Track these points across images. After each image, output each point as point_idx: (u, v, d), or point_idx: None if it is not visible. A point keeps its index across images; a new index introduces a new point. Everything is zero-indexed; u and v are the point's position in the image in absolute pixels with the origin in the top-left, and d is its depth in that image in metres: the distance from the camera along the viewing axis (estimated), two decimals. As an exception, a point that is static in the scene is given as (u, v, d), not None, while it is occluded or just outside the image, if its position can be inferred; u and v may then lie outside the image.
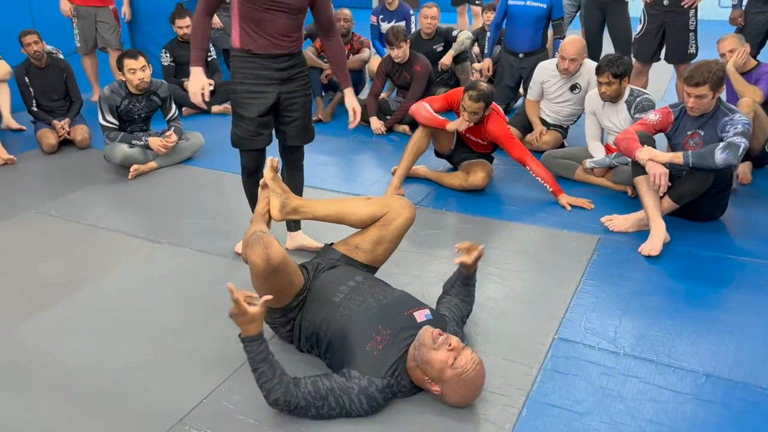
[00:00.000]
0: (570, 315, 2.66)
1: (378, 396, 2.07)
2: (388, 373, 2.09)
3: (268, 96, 2.78)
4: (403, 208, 2.52)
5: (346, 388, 2.05)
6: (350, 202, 2.60)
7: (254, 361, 2.02)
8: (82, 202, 3.85)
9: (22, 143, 4.90)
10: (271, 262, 2.09)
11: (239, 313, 1.99)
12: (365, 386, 2.06)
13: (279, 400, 2.01)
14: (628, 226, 3.33)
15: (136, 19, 6.09)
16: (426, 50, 5.27)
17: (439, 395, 2.09)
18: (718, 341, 2.47)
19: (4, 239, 3.42)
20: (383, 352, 2.11)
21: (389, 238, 2.52)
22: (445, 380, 2.03)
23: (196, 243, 3.30)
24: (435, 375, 2.04)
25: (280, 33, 2.69)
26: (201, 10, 2.73)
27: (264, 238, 2.12)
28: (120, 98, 4.24)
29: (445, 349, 2.02)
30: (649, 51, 4.75)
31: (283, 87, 2.80)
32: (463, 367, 2.02)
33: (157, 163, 4.34)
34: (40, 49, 4.82)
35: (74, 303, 2.81)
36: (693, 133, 3.31)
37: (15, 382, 2.32)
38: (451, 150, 4.01)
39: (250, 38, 2.68)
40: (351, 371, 2.09)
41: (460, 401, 2.09)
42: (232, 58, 2.80)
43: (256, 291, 2.24)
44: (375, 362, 2.10)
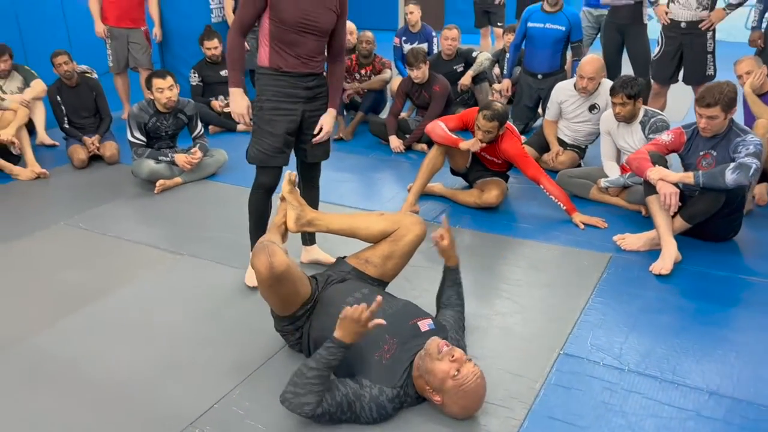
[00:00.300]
0: (577, 331, 2.69)
1: (388, 405, 2.13)
2: (398, 384, 2.15)
3: (296, 113, 2.85)
4: (414, 225, 2.59)
5: (359, 395, 2.11)
6: (363, 217, 2.68)
7: (325, 364, 2.06)
8: (108, 215, 4.00)
9: (55, 158, 5.10)
10: (274, 270, 2.18)
11: (361, 321, 2.02)
12: (376, 395, 2.12)
13: (308, 405, 2.04)
14: (640, 245, 3.36)
15: (166, 40, 6.30)
16: (446, 71, 5.36)
17: (439, 405, 2.14)
18: (723, 360, 2.49)
19: (34, 249, 3.57)
20: (392, 362, 2.18)
21: (399, 254, 2.59)
22: (446, 390, 2.08)
23: (216, 255, 3.41)
24: (437, 385, 2.09)
25: (309, 54, 2.79)
26: (236, 31, 2.80)
27: (269, 247, 2.21)
28: (148, 116, 4.41)
29: (448, 360, 2.08)
30: (667, 73, 4.78)
31: (307, 105, 2.88)
32: (464, 379, 2.07)
33: (183, 179, 4.48)
34: (70, 69, 5.02)
35: (96, 310, 2.93)
36: (706, 153, 3.33)
37: (38, 382, 2.43)
38: (466, 168, 4.08)
39: (280, 57, 2.76)
40: (363, 380, 2.15)
41: (460, 412, 2.14)
42: (260, 76, 2.86)
43: (265, 299, 2.33)
44: (385, 371, 2.16)
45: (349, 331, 2.05)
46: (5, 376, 2.48)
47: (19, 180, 4.61)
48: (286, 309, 2.33)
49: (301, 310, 2.35)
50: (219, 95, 5.82)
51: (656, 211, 3.23)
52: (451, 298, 2.62)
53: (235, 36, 2.81)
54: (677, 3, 4.51)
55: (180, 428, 2.18)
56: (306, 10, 2.69)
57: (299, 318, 2.37)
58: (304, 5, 2.69)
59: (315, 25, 2.74)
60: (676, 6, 4.53)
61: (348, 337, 2.06)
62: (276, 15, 2.69)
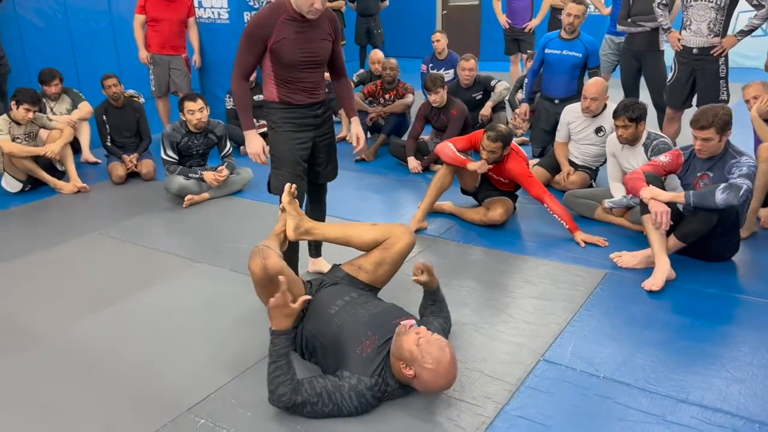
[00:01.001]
0: (559, 341, 2.81)
1: (367, 393, 2.29)
2: (375, 372, 2.31)
3: (308, 140, 3.03)
4: (404, 234, 2.78)
5: (338, 385, 2.28)
6: (357, 226, 2.88)
7: (276, 354, 2.25)
8: (139, 226, 4.31)
9: (97, 175, 5.49)
10: (267, 271, 2.39)
11: (282, 304, 2.23)
12: (355, 384, 2.28)
13: (284, 396, 2.23)
14: (636, 262, 3.45)
15: (205, 67, 6.70)
16: (465, 98, 5.54)
17: (414, 379, 2.26)
18: (699, 372, 2.56)
19: (69, 255, 3.90)
20: (370, 355, 2.34)
21: (390, 261, 2.77)
22: (414, 358, 2.21)
23: (232, 263, 3.66)
24: (407, 357, 2.23)
25: (314, 85, 2.97)
26: (239, 78, 2.91)
27: (263, 251, 2.42)
28: (180, 135, 4.74)
29: (413, 334, 2.25)
30: (680, 98, 4.85)
31: (317, 131, 3.07)
32: (428, 343, 2.22)
33: (210, 194, 4.78)
34: (118, 91, 5.42)
35: (118, 309, 3.21)
36: (703, 174, 3.41)
37: (58, 369, 2.70)
38: (475, 188, 4.24)
39: (287, 93, 2.91)
40: (343, 372, 2.33)
41: (432, 377, 2.22)
42: (271, 109, 2.99)
43: (259, 298, 2.54)
44: (363, 363, 2.33)
45: (277, 317, 2.24)
46: (33, 363, 2.76)
47: (62, 193, 5.00)
48: None
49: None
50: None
51: (651, 229, 3.32)
52: (435, 312, 2.74)
53: (239, 82, 2.92)
54: (689, 30, 4.61)
55: (178, 413, 2.40)
56: (304, 48, 2.84)
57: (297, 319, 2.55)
58: (302, 44, 2.83)
59: (315, 59, 2.90)
60: (687, 33, 4.62)
61: (278, 323, 2.25)
62: (277, 58, 2.83)
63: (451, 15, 12.13)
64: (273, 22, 2.78)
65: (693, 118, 3.31)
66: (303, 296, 2.35)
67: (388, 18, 10.20)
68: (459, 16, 12.01)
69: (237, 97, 2.97)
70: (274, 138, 3.01)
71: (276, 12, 2.80)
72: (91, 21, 8.01)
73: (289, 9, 2.79)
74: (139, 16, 6.06)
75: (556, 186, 4.68)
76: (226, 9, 6.46)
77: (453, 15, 12.11)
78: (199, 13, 6.55)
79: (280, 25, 2.79)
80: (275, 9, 2.81)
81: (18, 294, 3.42)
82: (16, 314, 3.20)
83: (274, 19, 2.78)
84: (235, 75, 2.93)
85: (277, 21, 2.78)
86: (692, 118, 3.33)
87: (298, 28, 2.82)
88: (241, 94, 2.95)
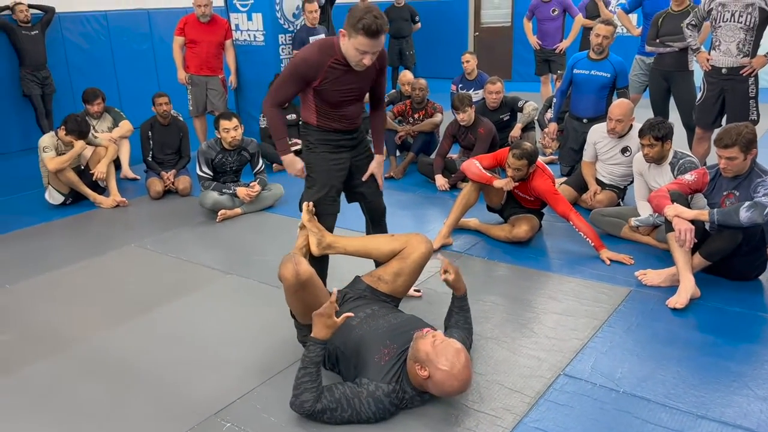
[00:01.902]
0: (580, 356, 2.83)
1: (384, 400, 2.35)
2: (393, 379, 2.38)
3: (345, 161, 3.08)
4: (420, 243, 2.84)
5: (356, 392, 2.36)
6: (375, 239, 2.98)
7: (309, 361, 2.34)
8: (174, 239, 4.47)
9: (135, 190, 5.70)
10: (299, 276, 2.48)
11: (327, 314, 2.32)
12: (373, 390, 2.35)
13: (307, 402, 2.32)
14: (661, 281, 3.45)
15: (241, 87, 6.91)
16: (493, 119, 5.58)
17: (428, 381, 2.31)
18: (721, 389, 2.55)
19: (106, 265, 4.06)
20: (389, 362, 2.41)
21: (408, 271, 2.84)
22: (430, 359, 2.27)
23: (261, 276, 3.76)
24: (422, 357, 2.29)
25: (353, 116, 3.03)
26: (273, 106, 2.92)
27: (295, 257, 2.53)
28: (215, 152, 4.90)
29: (430, 337, 2.33)
30: (710, 118, 4.84)
31: (352, 152, 3.13)
32: (444, 346, 2.29)
33: (242, 210, 4.92)
34: (168, 110, 5.63)
35: (152, 317, 3.34)
36: (729, 193, 3.41)
37: (91, 374, 2.83)
38: (501, 205, 4.29)
39: (327, 120, 2.95)
40: (362, 379, 2.40)
41: (446, 377, 2.27)
42: (309, 131, 3.01)
43: (290, 306, 2.63)
44: (381, 370, 2.39)
45: (318, 326, 2.34)
46: (68, 367, 2.90)
47: (102, 207, 5.20)
48: (308, 317, 2.59)
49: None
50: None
51: (675, 247, 3.33)
52: (459, 322, 2.80)
53: (274, 109, 2.93)
54: (718, 50, 4.61)
55: (205, 416, 2.49)
56: (347, 89, 2.87)
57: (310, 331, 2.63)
58: (346, 86, 2.85)
59: (357, 94, 2.96)
60: (717, 53, 4.63)
61: (318, 331, 2.34)
62: (319, 96, 2.86)
63: (482, 36, 12.24)
64: (321, 66, 2.77)
65: (716, 137, 3.32)
66: (346, 314, 2.42)
67: (420, 39, 10.37)
68: (490, 38, 12.12)
69: (272, 124, 2.98)
70: (310, 158, 3.05)
71: (326, 54, 2.78)
72: (133, 43, 8.38)
73: (337, 52, 2.77)
74: (178, 38, 6.29)
75: (583, 205, 4.70)
76: (262, 32, 6.68)
77: (484, 36, 12.22)
78: (236, 36, 6.77)
79: (327, 68, 2.79)
80: (325, 50, 2.79)
81: (58, 301, 3.58)
82: (56, 320, 3.35)
83: (323, 63, 2.77)
84: (270, 101, 2.94)
85: (326, 65, 2.78)
86: (716, 137, 3.34)
87: (345, 72, 2.82)
88: (276, 121, 2.98)
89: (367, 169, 3.18)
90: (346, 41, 2.71)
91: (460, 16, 12.29)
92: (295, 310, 2.69)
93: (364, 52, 2.69)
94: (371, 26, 2.61)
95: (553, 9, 7.55)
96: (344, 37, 2.71)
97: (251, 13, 6.67)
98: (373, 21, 2.61)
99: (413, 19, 9.54)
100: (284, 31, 6.76)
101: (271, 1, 6.58)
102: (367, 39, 2.64)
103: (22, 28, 6.91)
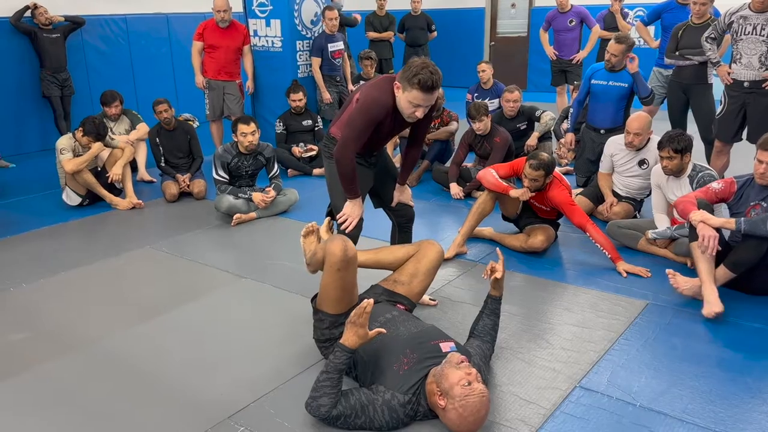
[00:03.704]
0: (597, 368, 2.80)
1: (399, 410, 2.33)
2: (410, 391, 2.36)
3: (368, 173, 3.12)
4: (432, 245, 2.93)
5: (371, 399, 2.34)
6: (387, 248, 3.00)
7: (333, 368, 2.34)
8: (189, 242, 4.48)
9: (151, 193, 5.73)
10: (347, 252, 2.52)
11: (361, 324, 2.32)
12: (388, 399, 2.34)
13: (324, 407, 2.31)
14: (686, 288, 3.37)
15: (257, 92, 6.94)
16: (510, 128, 5.58)
17: (441, 411, 2.30)
18: (738, 404, 2.52)
19: (121, 267, 4.08)
20: (408, 372, 2.39)
21: (423, 271, 2.89)
22: (452, 396, 2.24)
23: (275, 280, 3.77)
24: (446, 387, 2.26)
25: (382, 144, 3.11)
26: (352, 152, 2.86)
27: (343, 237, 2.59)
28: (231, 156, 4.92)
29: (464, 371, 2.27)
30: (730, 131, 4.80)
31: (374, 168, 3.17)
32: (472, 391, 2.23)
33: (257, 214, 4.93)
34: (169, 116, 5.64)
35: (166, 319, 3.34)
36: (756, 204, 3.37)
37: (105, 375, 2.84)
38: (517, 215, 4.27)
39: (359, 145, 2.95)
40: (378, 387, 2.39)
41: (457, 421, 2.25)
42: (331, 142, 3.05)
43: (325, 289, 2.63)
44: (400, 379, 2.38)
45: (350, 334, 2.34)
46: (83, 367, 2.90)
47: (118, 209, 5.23)
48: (339, 306, 2.62)
49: (345, 316, 2.59)
50: (300, 143, 6.32)
51: (699, 256, 3.28)
52: (486, 327, 2.79)
53: (352, 156, 2.86)
54: (740, 63, 4.58)
55: (219, 420, 2.49)
56: (393, 130, 2.96)
57: (340, 325, 2.62)
58: (393, 128, 2.93)
59: (395, 134, 3.03)
60: (738, 66, 4.60)
61: (348, 339, 2.34)
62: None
63: (498, 46, 12.25)
64: (388, 109, 2.80)
65: (761, 140, 3.28)
66: (379, 329, 2.41)
67: (436, 48, 10.38)
68: (506, 48, 12.12)
69: (346, 173, 2.90)
70: (331, 168, 3.06)
71: (390, 96, 2.80)
72: (152, 47, 8.45)
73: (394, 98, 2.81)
74: (197, 43, 6.34)
75: (599, 216, 4.67)
76: (280, 38, 6.71)
77: (501, 46, 12.23)
78: (254, 41, 6.81)
79: (389, 112, 2.83)
80: (389, 93, 2.80)
81: (74, 301, 3.59)
82: (71, 320, 3.36)
83: (389, 106, 2.80)
84: (351, 147, 2.85)
85: (390, 107, 2.81)
86: (760, 140, 3.30)
87: (397, 117, 2.86)
88: (351, 168, 2.89)
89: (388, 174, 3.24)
90: (401, 94, 2.75)
91: (477, 26, 12.31)
92: (329, 294, 2.65)
93: (417, 106, 2.74)
94: (427, 82, 2.65)
95: (570, 20, 7.55)
96: (398, 89, 2.75)
97: (270, 19, 6.71)
98: (429, 77, 2.65)
99: (430, 27, 9.56)
100: (302, 38, 6.79)
101: (290, 8, 6.62)
102: (422, 93, 2.69)
103: (44, 30, 6.99)
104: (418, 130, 3.15)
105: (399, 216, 3.34)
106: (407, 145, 3.26)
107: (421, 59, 2.73)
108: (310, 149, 6.26)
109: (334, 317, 2.67)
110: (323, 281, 2.65)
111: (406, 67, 2.72)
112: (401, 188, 3.26)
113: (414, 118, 2.81)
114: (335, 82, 6.95)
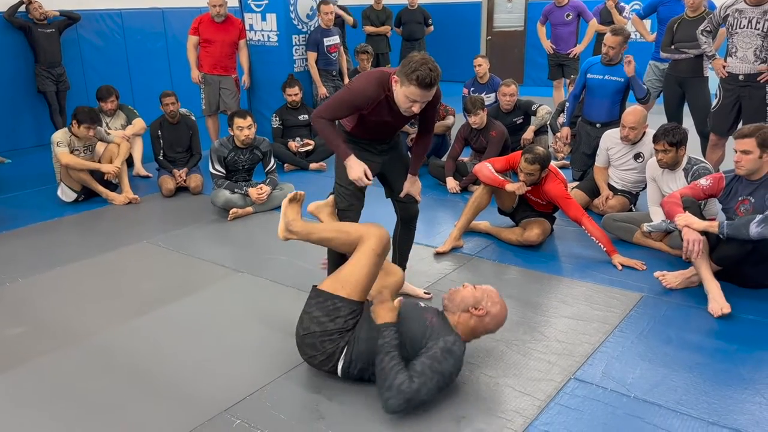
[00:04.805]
0: (591, 360, 2.82)
1: (455, 349, 2.47)
2: (451, 331, 2.56)
3: (375, 163, 3.10)
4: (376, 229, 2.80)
5: (430, 356, 2.42)
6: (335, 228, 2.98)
7: (389, 346, 2.43)
8: (185, 236, 4.49)
9: (148, 187, 5.72)
10: (389, 241, 2.74)
11: (386, 298, 2.58)
12: (442, 345, 2.45)
13: (404, 384, 2.33)
14: (678, 283, 3.42)
15: (254, 87, 6.93)
16: (506, 122, 5.59)
17: (483, 316, 2.60)
18: (734, 395, 2.54)
19: (118, 262, 4.08)
20: (438, 322, 2.59)
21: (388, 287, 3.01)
22: (481, 300, 2.60)
23: (272, 274, 3.77)
24: (471, 303, 2.60)
25: (389, 134, 3.12)
26: (326, 120, 2.89)
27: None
28: (227, 150, 4.92)
29: (461, 288, 2.67)
30: (726, 125, 4.81)
31: (384, 156, 3.16)
32: (482, 289, 2.65)
33: (254, 209, 4.93)
34: (175, 109, 5.65)
35: (163, 313, 3.35)
36: (744, 199, 3.39)
37: (106, 367, 2.84)
38: (513, 208, 4.28)
39: (363, 132, 3.03)
40: (426, 343, 2.49)
41: (500, 313, 2.64)
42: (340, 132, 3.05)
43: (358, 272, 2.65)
44: (438, 329, 2.54)
45: (382, 312, 2.54)
46: (79, 361, 2.91)
47: (114, 204, 5.23)
48: (362, 293, 2.64)
49: (360, 307, 2.64)
50: (296, 137, 6.32)
51: None
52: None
53: (324, 121, 2.88)
54: (735, 57, 4.59)
55: (215, 413, 2.50)
56: (390, 121, 2.95)
57: (356, 315, 2.61)
58: (390, 119, 2.92)
59: (394, 126, 3.03)
60: (733, 59, 4.60)
61: (387, 316, 2.53)
62: (363, 120, 2.95)
63: (495, 40, 12.24)
64: (375, 99, 2.82)
65: (736, 131, 3.32)
66: (399, 298, 2.69)
67: (433, 43, 10.36)
68: (503, 42, 12.12)
69: (326, 135, 2.92)
70: (338, 161, 3.06)
71: (381, 89, 2.82)
72: (147, 42, 8.43)
73: (390, 91, 2.82)
74: (192, 38, 6.32)
75: (594, 210, 4.68)
76: (276, 32, 6.70)
77: (497, 40, 12.22)
78: (250, 36, 6.81)
79: (379, 103, 2.84)
80: (380, 85, 2.82)
81: (70, 296, 3.60)
82: (67, 315, 3.36)
83: (376, 97, 2.82)
84: (323, 116, 2.88)
85: (378, 99, 2.82)
86: (736, 131, 3.33)
87: (390, 109, 2.88)
88: (329, 132, 2.91)
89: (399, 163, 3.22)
90: (398, 88, 2.74)
91: (473, 20, 12.30)
92: (360, 277, 2.63)
93: (414, 101, 2.73)
94: (425, 79, 2.64)
95: (567, 13, 7.54)
96: (396, 83, 2.75)
97: (265, 13, 6.70)
98: (428, 74, 2.64)
99: (426, 22, 9.54)
100: (298, 32, 6.78)
101: (286, 2, 6.61)
102: (419, 90, 2.67)
103: (38, 26, 6.96)
104: (427, 121, 3.13)
105: (404, 210, 3.34)
106: (417, 134, 3.24)
107: (421, 55, 2.72)
108: (306, 144, 6.26)
109: (354, 304, 2.62)
110: (356, 263, 2.66)
111: (405, 61, 2.70)
112: (412, 179, 3.22)
113: (410, 113, 2.81)
114: (331, 77, 6.95)
